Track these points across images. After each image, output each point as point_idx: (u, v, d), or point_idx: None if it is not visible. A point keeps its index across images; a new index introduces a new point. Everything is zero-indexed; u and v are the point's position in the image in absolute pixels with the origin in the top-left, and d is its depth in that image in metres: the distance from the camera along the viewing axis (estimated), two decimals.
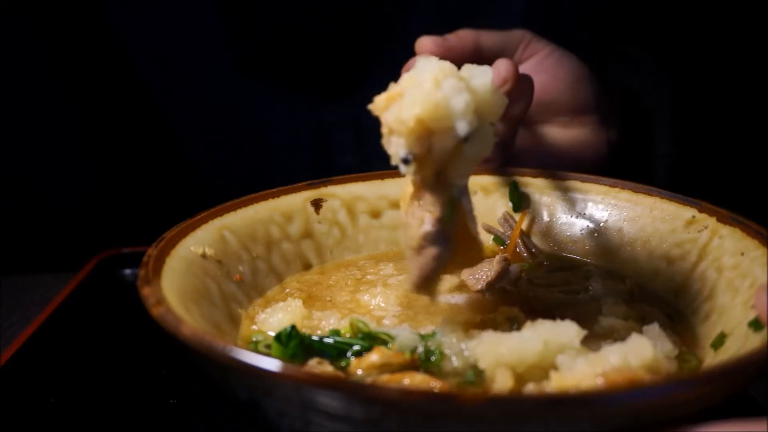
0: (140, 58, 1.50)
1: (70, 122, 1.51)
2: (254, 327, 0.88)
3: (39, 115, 1.49)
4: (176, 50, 1.50)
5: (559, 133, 1.24)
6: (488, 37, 1.15)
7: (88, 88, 1.50)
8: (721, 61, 1.40)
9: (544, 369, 0.74)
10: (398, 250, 1.09)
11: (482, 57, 1.13)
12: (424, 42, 1.11)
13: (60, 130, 1.51)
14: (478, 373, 0.76)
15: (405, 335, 0.81)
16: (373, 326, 0.83)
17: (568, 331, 0.76)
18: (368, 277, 1.00)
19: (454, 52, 1.10)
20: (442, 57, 0.99)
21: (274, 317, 0.87)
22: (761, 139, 1.40)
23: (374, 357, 0.77)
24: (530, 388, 0.72)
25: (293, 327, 0.80)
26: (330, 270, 1.03)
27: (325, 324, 0.87)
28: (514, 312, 0.86)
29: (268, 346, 0.82)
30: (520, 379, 0.74)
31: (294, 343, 0.79)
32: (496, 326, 0.85)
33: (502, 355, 0.74)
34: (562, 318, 0.77)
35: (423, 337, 0.81)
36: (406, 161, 0.76)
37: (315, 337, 0.81)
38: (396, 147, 0.77)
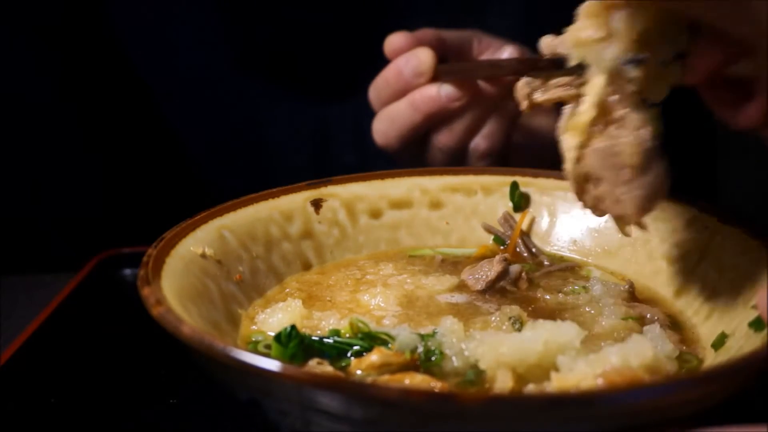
0: (140, 57, 1.50)
1: (70, 122, 1.51)
2: (254, 327, 0.88)
3: (38, 116, 1.49)
4: (176, 50, 1.50)
5: (545, 121, 1.24)
6: (448, 35, 1.18)
7: (87, 87, 1.50)
8: None
9: (544, 369, 0.73)
10: (398, 250, 1.08)
11: (445, 51, 1.18)
12: (395, 38, 1.15)
13: (59, 130, 1.51)
14: (479, 374, 0.76)
15: (405, 335, 0.81)
16: (373, 326, 0.83)
17: (568, 332, 0.76)
18: (368, 277, 1.00)
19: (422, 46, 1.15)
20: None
21: (274, 317, 0.87)
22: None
23: (374, 357, 0.77)
24: (531, 388, 0.72)
25: (293, 327, 0.80)
26: (330, 270, 1.03)
27: (325, 324, 0.87)
28: (517, 312, 0.86)
29: (268, 347, 0.82)
30: (521, 379, 0.74)
31: (294, 344, 0.79)
32: (497, 326, 0.85)
33: (502, 356, 0.74)
34: (563, 318, 0.77)
35: (423, 337, 0.80)
36: (636, 62, 0.77)
37: (315, 338, 0.81)
38: (614, 51, 0.77)
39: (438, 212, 1.10)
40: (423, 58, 1.12)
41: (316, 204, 1.06)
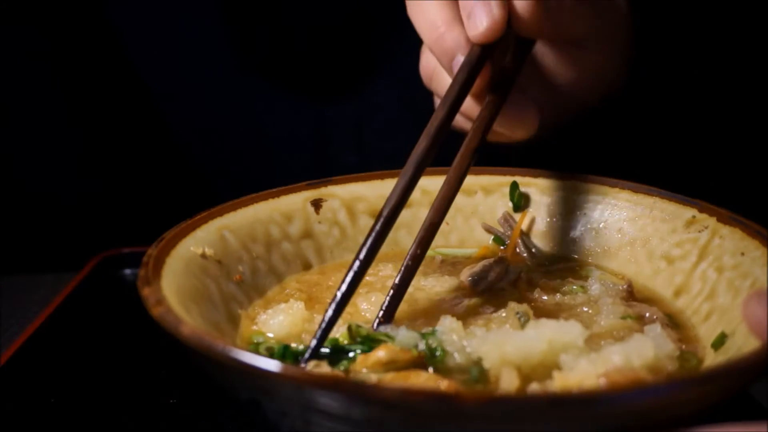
0: (140, 58, 1.50)
1: (71, 122, 1.51)
2: (254, 327, 0.88)
3: (39, 115, 1.49)
4: (177, 51, 1.50)
5: (578, 55, 1.11)
6: None
7: (88, 87, 1.50)
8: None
9: (547, 368, 0.74)
10: (398, 250, 1.08)
11: None
12: None
13: (60, 130, 1.51)
14: (482, 372, 0.76)
15: (404, 334, 0.80)
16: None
17: (571, 331, 0.76)
18: (367, 278, 1.00)
19: None
20: None
21: (275, 319, 0.87)
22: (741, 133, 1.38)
23: (381, 353, 0.76)
24: (534, 387, 0.72)
25: (286, 347, 0.80)
26: (330, 270, 1.03)
27: None
28: (524, 308, 0.86)
29: (268, 349, 0.82)
30: (525, 378, 0.74)
31: (289, 362, 0.78)
32: (501, 323, 0.85)
33: (506, 354, 0.74)
34: (562, 318, 0.77)
35: (423, 336, 0.80)
36: None
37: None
38: None
39: None
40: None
41: (316, 204, 1.06)
